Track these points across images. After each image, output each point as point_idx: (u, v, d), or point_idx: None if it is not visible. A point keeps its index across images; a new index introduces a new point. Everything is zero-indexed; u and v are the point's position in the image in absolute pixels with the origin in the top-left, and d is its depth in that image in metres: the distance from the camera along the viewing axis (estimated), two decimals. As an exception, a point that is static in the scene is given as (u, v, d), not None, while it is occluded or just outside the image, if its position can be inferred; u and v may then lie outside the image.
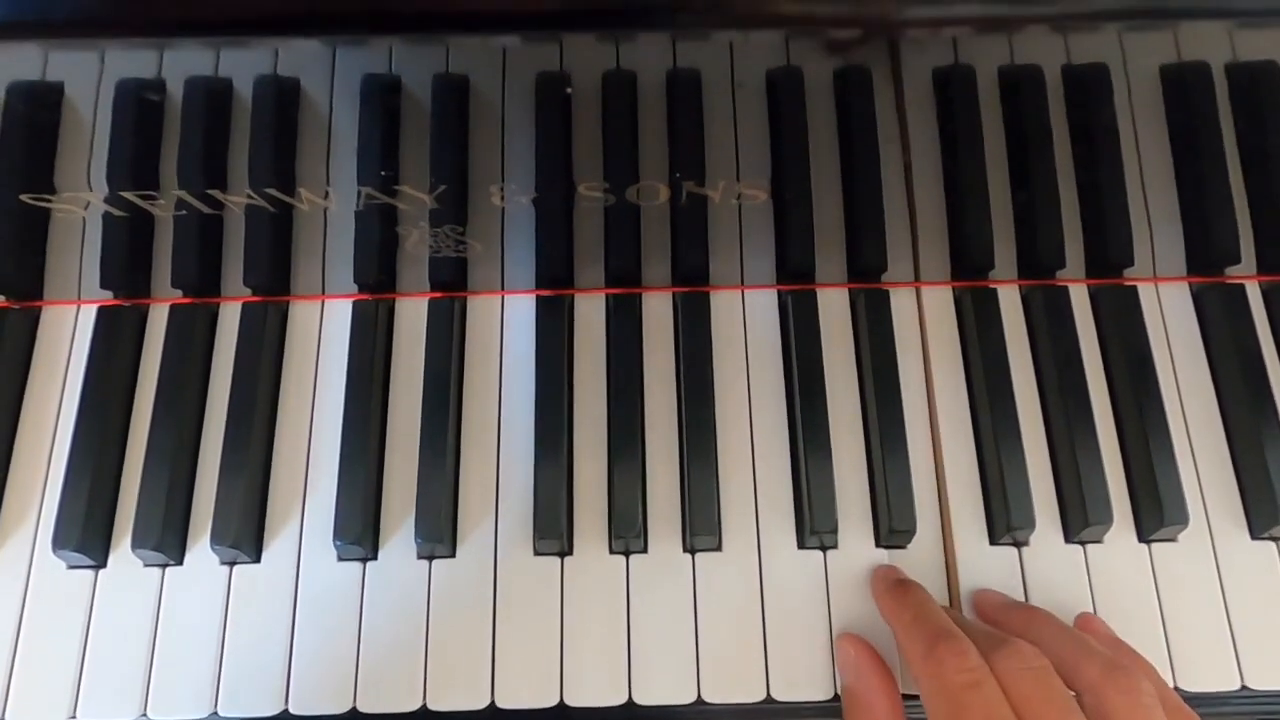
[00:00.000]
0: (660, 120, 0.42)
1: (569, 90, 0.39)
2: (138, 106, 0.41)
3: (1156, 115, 0.45)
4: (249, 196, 0.41)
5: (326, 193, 0.40)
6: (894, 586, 0.40)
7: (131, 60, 0.40)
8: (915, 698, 0.38)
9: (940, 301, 0.47)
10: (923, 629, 0.37)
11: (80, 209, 0.42)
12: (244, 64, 0.41)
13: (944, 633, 0.36)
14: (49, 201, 0.40)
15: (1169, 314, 0.47)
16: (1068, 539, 0.43)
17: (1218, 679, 0.41)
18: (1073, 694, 0.34)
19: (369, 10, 0.32)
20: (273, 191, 0.41)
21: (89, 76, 0.41)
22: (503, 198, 0.41)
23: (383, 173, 0.39)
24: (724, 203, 0.43)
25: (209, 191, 0.41)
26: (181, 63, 0.41)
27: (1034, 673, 0.34)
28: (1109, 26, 0.37)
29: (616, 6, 0.32)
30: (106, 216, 0.42)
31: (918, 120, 0.44)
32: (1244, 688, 0.41)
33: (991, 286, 0.46)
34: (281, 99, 0.42)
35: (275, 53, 0.41)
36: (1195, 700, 0.41)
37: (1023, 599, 0.42)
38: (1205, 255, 0.46)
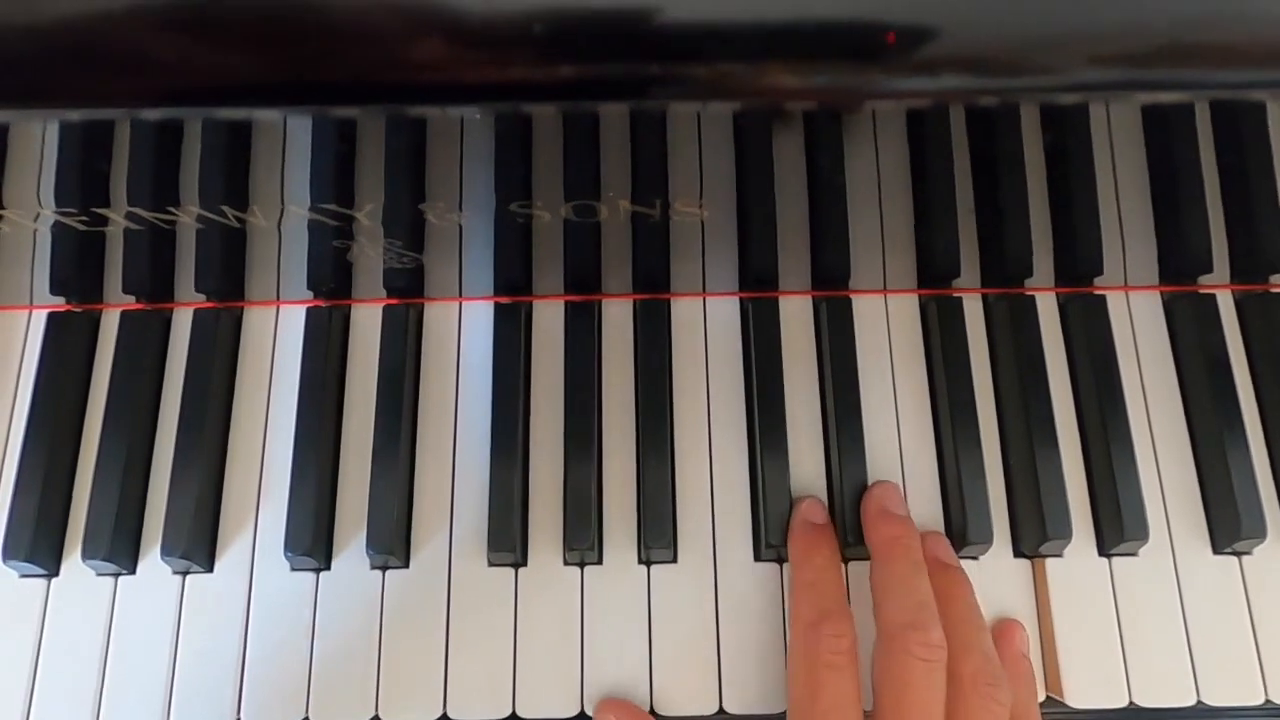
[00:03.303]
0: (621, 134, 0.41)
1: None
2: (86, 123, 0.40)
3: (1132, 120, 0.43)
4: (199, 215, 0.40)
5: (281, 212, 0.39)
6: (807, 533, 0.41)
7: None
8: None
9: (906, 310, 0.46)
10: (815, 599, 0.39)
11: (29, 222, 0.41)
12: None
13: (831, 611, 0.38)
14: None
15: (1139, 324, 0.46)
16: (1025, 553, 0.42)
17: (1175, 695, 0.41)
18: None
19: (335, 83, 0.31)
20: (225, 209, 0.40)
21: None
22: (441, 217, 0.40)
23: (314, 190, 0.38)
24: (685, 220, 0.42)
25: (158, 213, 0.40)
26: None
27: (925, 665, 0.36)
28: (1072, 97, 0.37)
29: (579, 78, 0.31)
30: (57, 224, 0.42)
31: (886, 123, 0.43)
32: (1200, 703, 0.41)
33: (957, 295, 0.45)
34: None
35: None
36: (1152, 715, 0.41)
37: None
38: (1177, 264, 0.45)
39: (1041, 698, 0.41)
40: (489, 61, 0.31)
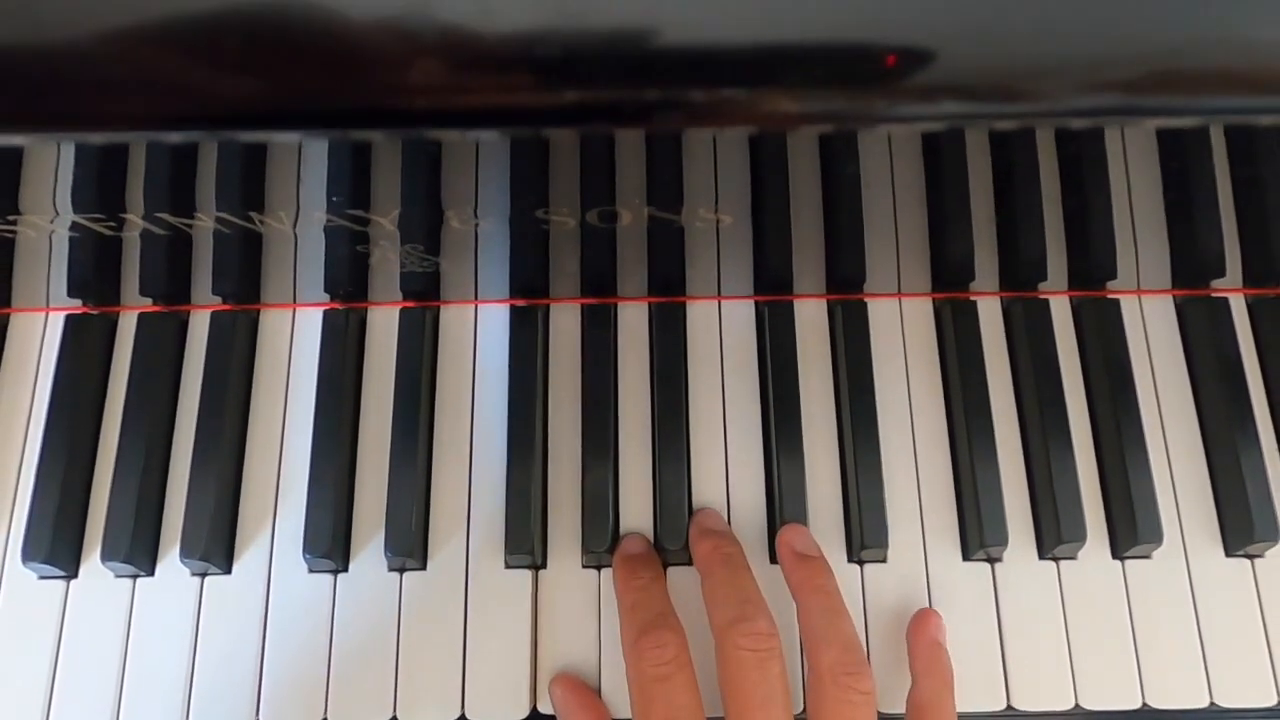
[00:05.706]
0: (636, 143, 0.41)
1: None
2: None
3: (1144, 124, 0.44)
4: (216, 220, 0.40)
5: (296, 216, 0.39)
6: (625, 564, 0.41)
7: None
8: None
9: (920, 313, 0.46)
10: (637, 617, 0.39)
11: (46, 225, 0.41)
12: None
13: (652, 623, 0.38)
14: (12, 225, 0.39)
15: (1151, 327, 0.46)
16: (1041, 555, 0.43)
17: (1187, 696, 0.41)
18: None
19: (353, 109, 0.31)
20: (245, 213, 0.40)
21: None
22: (462, 221, 0.40)
23: (333, 198, 0.38)
24: (702, 225, 0.42)
25: (178, 217, 0.40)
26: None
27: (755, 656, 0.36)
28: (1080, 123, 0.37)
29: (579, 104, 0.31)
30: (74, 228, 0.42)
31: (900, 128, 0.43)
32: (1213, 705, 0.41)
33: (972, 298, 0.45)
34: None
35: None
36: (1164, 717, 0.41)
37: (995, 617, 0.42)
38: (1190, 268, 0.45)
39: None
40: (494, 87, 0.31)
